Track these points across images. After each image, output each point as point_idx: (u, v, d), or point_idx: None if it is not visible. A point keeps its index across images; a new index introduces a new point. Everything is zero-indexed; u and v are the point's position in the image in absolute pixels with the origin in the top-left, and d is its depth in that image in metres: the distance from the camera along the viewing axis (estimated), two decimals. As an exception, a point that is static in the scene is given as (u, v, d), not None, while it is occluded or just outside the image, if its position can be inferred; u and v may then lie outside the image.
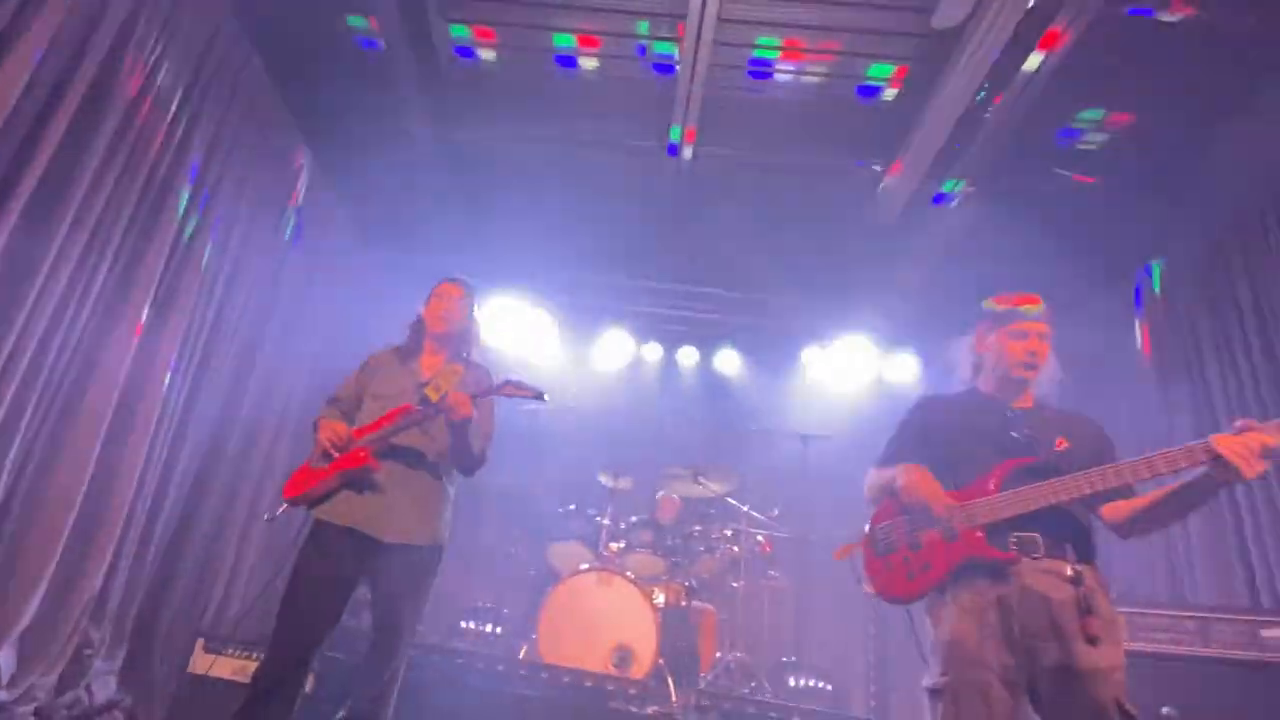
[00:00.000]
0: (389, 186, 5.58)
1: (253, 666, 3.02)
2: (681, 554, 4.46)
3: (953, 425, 2.28)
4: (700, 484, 4.65)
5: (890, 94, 4.72)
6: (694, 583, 4.32)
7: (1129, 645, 3.10)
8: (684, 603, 4.12)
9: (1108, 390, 4.76)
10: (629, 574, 3.92)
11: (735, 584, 4.47)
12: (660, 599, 3.99)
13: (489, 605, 4.65)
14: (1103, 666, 1.87)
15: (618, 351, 6.33)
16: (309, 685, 2.74)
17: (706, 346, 6.46)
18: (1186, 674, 3.05)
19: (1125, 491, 2.05)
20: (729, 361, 6.37)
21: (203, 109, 3.59)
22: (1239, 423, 1.84)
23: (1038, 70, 4.07)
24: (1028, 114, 4.44)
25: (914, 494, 2.13)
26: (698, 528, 4.59)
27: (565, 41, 4.76)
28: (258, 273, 4.29)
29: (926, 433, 2.33)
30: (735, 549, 4.49)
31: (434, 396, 2.71)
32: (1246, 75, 3.98)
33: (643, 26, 4.58)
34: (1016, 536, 2.02)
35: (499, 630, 4.61)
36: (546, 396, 2.80)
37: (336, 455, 2.70)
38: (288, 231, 4.64)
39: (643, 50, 4.75)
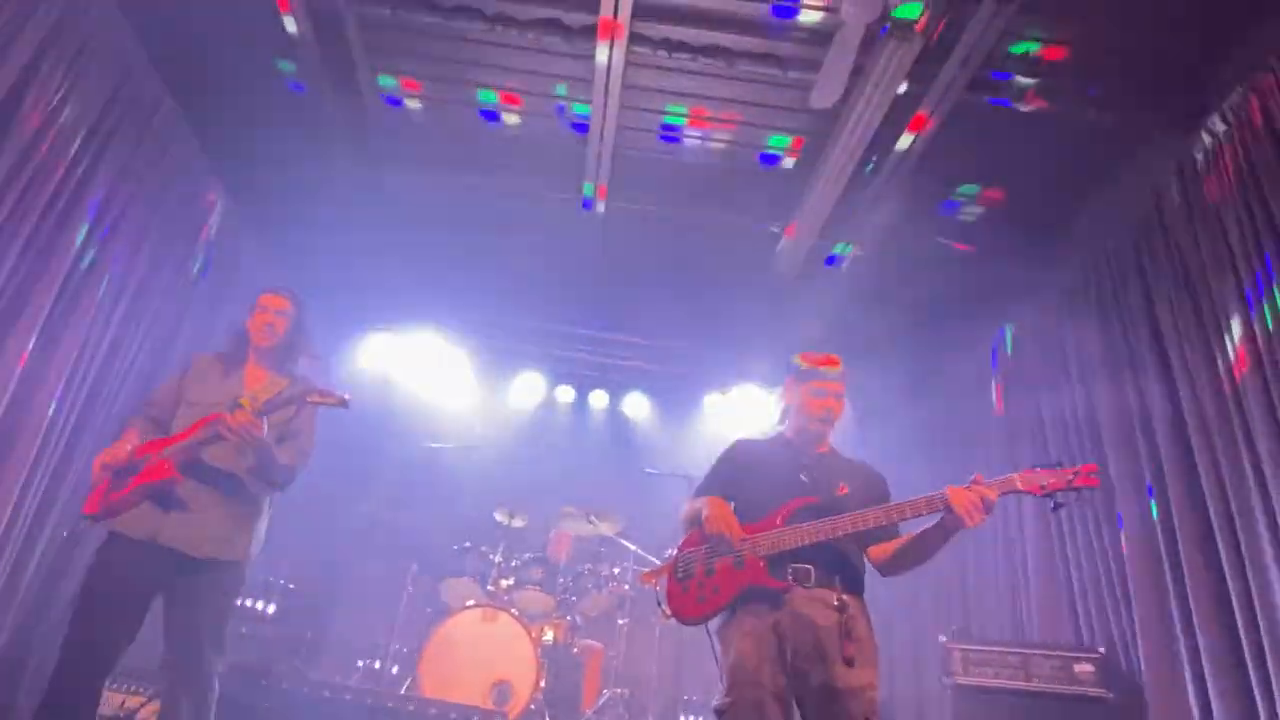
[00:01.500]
0: (309, 227, 5.70)
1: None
2: (572, 591, 4.61)
3: (758, 464, 2.54)
4: (592, 523, 4.82)
5: (789, 162, 5.12)
6: (578, 619, 4.46)
7: (963, 680, 3.44)
8: (570, 640, 4.25)
9: (965, 438, 5.19)
10: (514, 610, 4.05)
11: (621, 621, 4.62)
12: (549, 636, 4.12)
13: (382, 642, 4.69)
14: (855, 685, 2.13)
15: (530, 393, 6.51)
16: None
17: (616, 390, 6.70)
18: (1010, 705, 3.36)
19: (889, 534, 2.34)
20: (637, 405, 6.63)
21: (108, 147, 3.67)
22: (972, 477, 2.13)
23: (909, 149, 4.50)
24: (911, 186, 4.88)
25: (713, 525, 2.34)
26: (588, 566, 4.75)
27: (488, 97, 5.02)
28: (160, 307, 4.33)
29: (738, 469, 2.59)
30: (624, 587, 4.66)
31: (248, 408, 2.63)
32: (1089, 164, 4.51)
33: (560, 89, 4.88)
34: (793, 568, 2.27)
35: (395, 669, 4.65)
36: (348, 399, 2.71)
37: (108, 476, 2.59)
38: (196, 267, 4.70)
39: (561, 110, 5.05)
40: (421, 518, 5.08)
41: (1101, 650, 3.38)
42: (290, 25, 4.32)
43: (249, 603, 4.39)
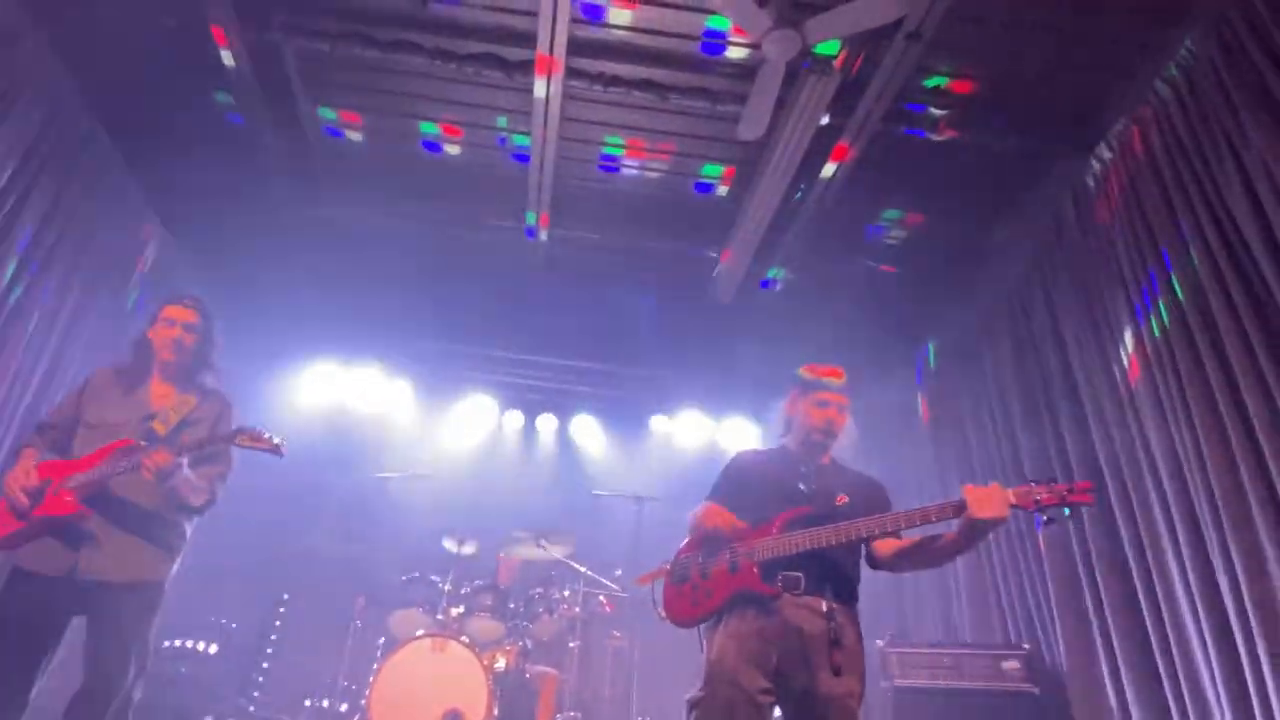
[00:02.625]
0: (249, 258, 5.66)
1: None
2: (523, 617, 4.61)
3: (760, 474, 2.57)
4: (541, 547, 4.84)
5: (723, 191, 5.34)
6: (529, 644, 4.46)
7: (900, 682, 3.59)
8: (522, 666, 4.26)
9: (895, 446, 5.42)
10: (464, 639, 4.04)
11: (572, 644, 4.64)
12: (501, 663, 4.12)
13: (330, 680, 4.60)
14: (839, 693, 2.18)
15: (477, 419, 6.51)
16: None
17: (565, 414, 6.77)
18: (945, 704, 3.51)
19: (894, 533, 2.37)
20: (585, 428, 6.70)
21: (37, 182, 3.62)
22: (965, 488, 2.12)
23: (833, 177, 4.75)
24: (838, 212, 5.14)
25: (710, 519, 2.41)
26: (539, 590, 4.75)
27: (430, 129, 5.10)
28: (94, 339, 4.25)
29: (742, 477, 2.60)
30: (575, 610, 4.69)
31: (161, 431, 2.50)
32: (997, 190, 4.83)
33: (501, 121, 4.99)
34: (783, 575, 2.29)
35: (343, 707, 4.56)
36: (283, 448, 2.53)
37: (25, 504, 2.41)
38: (131, 300, 4.62)
39: (503, 141, 5.16)
40: (369, 550, 5.02)
41: (1027, 647, 3.57)
42: (227, 59, 4.34)
43: (189, 643, 4.25)
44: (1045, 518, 2.10)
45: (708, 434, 6.63)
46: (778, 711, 2.32)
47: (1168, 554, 2.98)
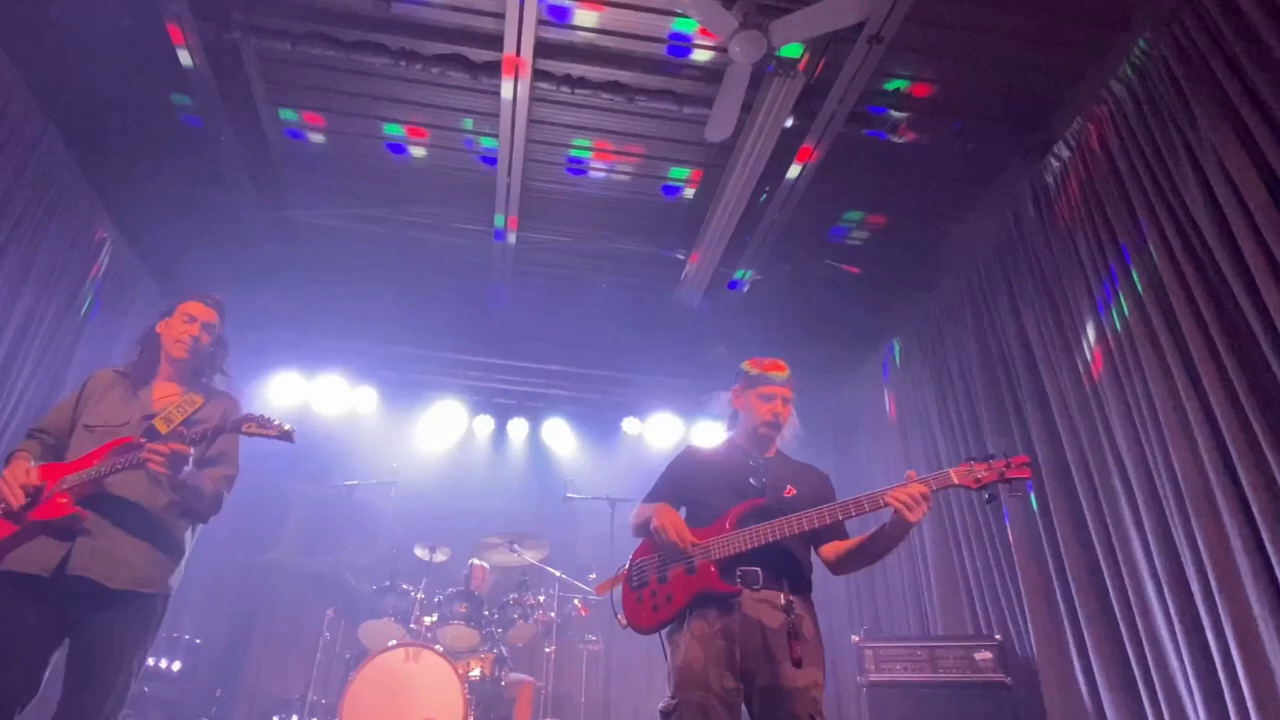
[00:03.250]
0: (209, 263, 5.51)
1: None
2: (497, 623, 4.54)
3: (706, 470, 2.55)
4: (515, 552, 4.79)
5: (689, 193, 5.37)
6: (504, 651, 4.40)
7: (875, 676, 3.62)
8: (498, 674, 4.19)
9: (864, 443, 5.49)
10: (438, 647, 3.96)
11: (548, 650, 4.59)
12: (476, 672, 4.04)
13: (299, 696, 4.47)
14: (801, 685, 2.18)
15: (449, 425, 6.43)
16: None
17: (535, 418, 6.72)
18: (920, 698, 3.55)
19: (838, 534, 2.42)
20: (557, 432, 6.66)
21: None
22: (907, 474, 2.22)
23: (798, 178, 4.81)
24: (802, 214, 5.20)
25: (663, 533, 2.33)
26: (513, 596, 4.68)
27: (395, 130, 5.04)
28: (46, 346, 4.10)
29: (687, 474, 2.58)
30: (550, 615, 4.64)
31: (163, 429, 2.35)
32: (957, 190, 4.94)
33: (467, 123, 4.95)
34: (741, 571, 2.29)
35: (312, 720, 4.45)
36: (292, 433, 2.38)
37: (21, 501, 2.22)
38: (85, 306, 4.47)
39: (469, 143, 5.11)
40: (336, 560, 4.89)
41: (998, 637, 3.62)
42: (185, 59, 4.23)
43: (151, 661, 4.10)
44: (987, 495, 2.16)
45: (679, 436, 6.64)
46: None
47: (1134, 543, 3.06)
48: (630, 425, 6.63)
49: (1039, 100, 4.18)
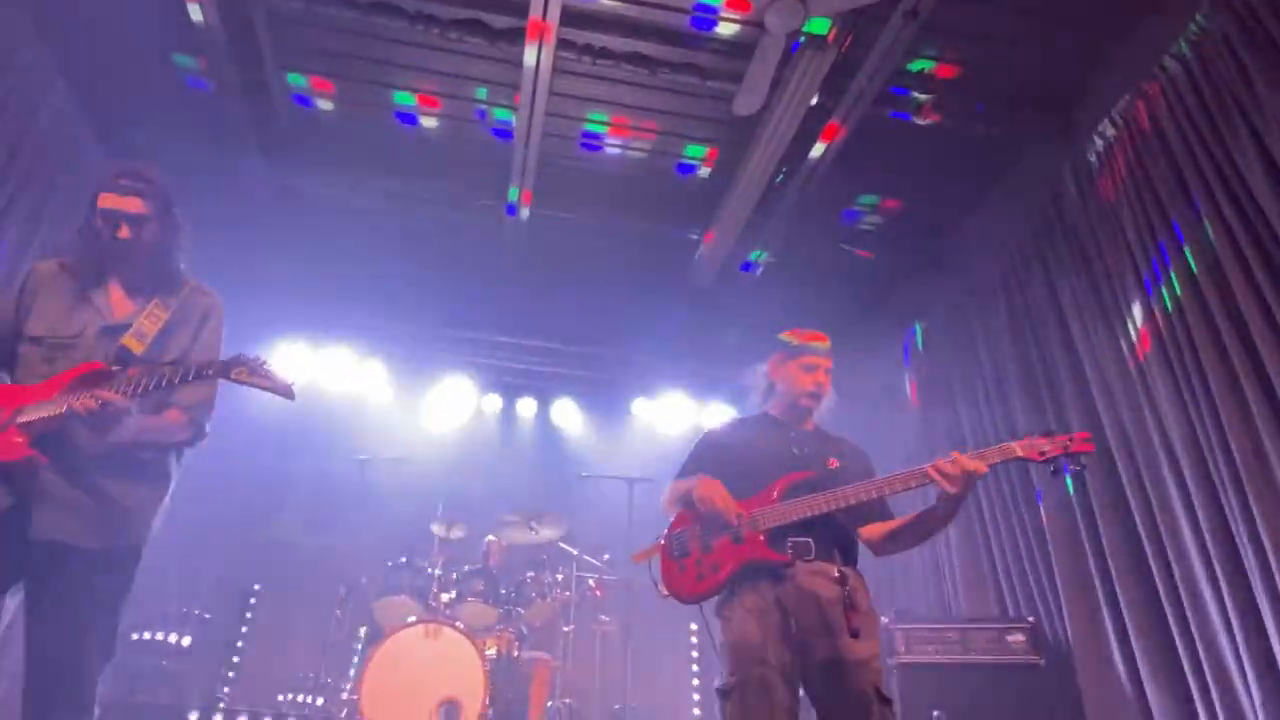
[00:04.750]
0: (212, 229, 5.33)
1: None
2: (514, 601, 4.46)
3: (744, 442, 2.52)
4: (533, 530, 4.71)
5: (704, 172, 5.29)
6: (524, 629, 4.33)
7: (906, 658, 3.58)
8: (515, 652, 4.12)
9: (886, 423, 5.46)
10: (459, 624, 3.88)
11: (566, 629, 4.52)
12: (492, 650, 3.96)
13: (309, 674, 4.36)
14: (863, 657, 2.13)
15: (457, 402, 6.32)
16: None
17: (544, 397, 6.63)
18: (951, 679, 3.52)
19: (882, 514, 2.39)
20: (566, 412, 6.58)
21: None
22: (953, 454, 2.17)
23: (822, 157, 4.73)
24: (817, 196, 5.14)
25: (708, 502, 2.29)
26: (531, 574, 4.61)
27: (406, 100, 4.90)
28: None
29: (721, 449, 2.54)
30: (567, 594, 4.57)
31: (138, 349, 2.01)
32: (981, 172, 4.88)
33: (481, 92, 4.83)
34: (792, 541, 2.25)
35: (320, 700, 4.33)
36: (293, 389, 2.02)
37: None
38: None
39: (482, 114, 4.98)
40: (346, 537, 4.76)
41: (1031, 619, 3.60)
42: (196, 14, 4.08)
43: (160, 635, 3.96)
44: (1052, 469, 2.13)
45: (690, 417, 6.57)
46: None
47: (1180, 521, 3.02)
48: (640, 406, 6.55)
49: (1076, 80, 4.13)
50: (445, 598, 4.19)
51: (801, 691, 2.18)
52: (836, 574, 2.22)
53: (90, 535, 1.93)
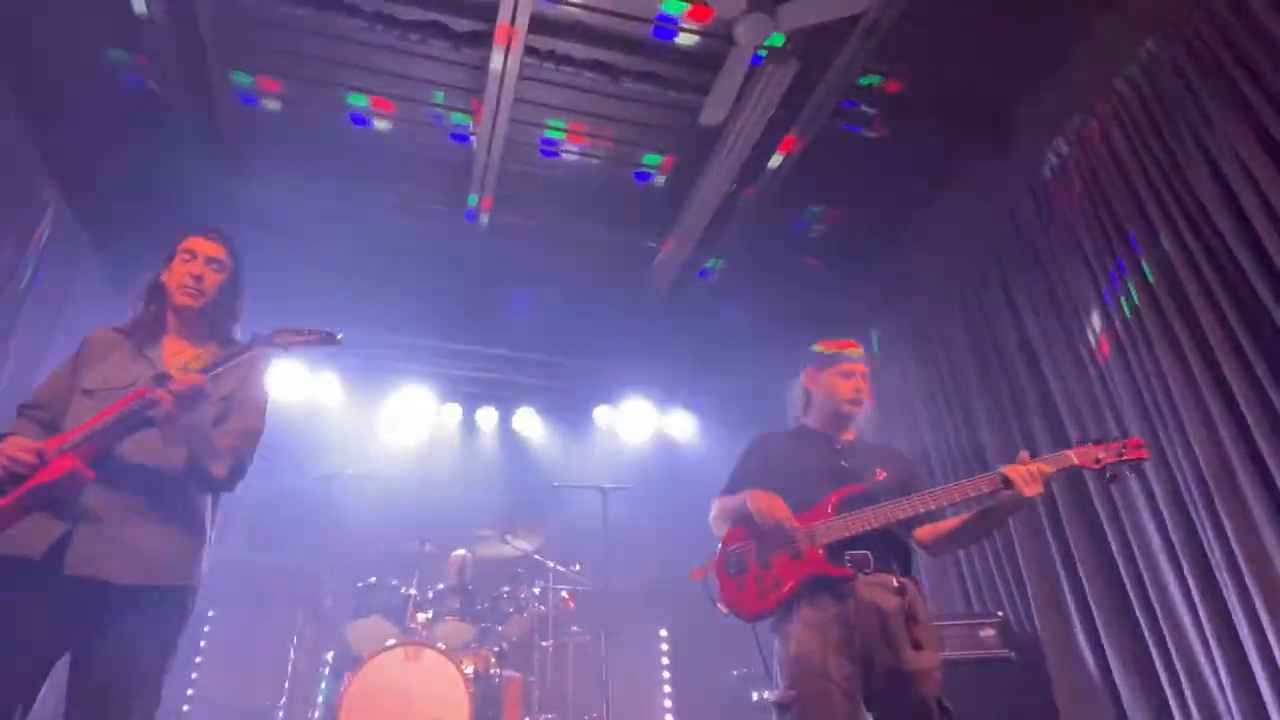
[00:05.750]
0: (152, 236, 5.00)
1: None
2: (491, 618, 4.35)
3: (789, 456, 2.50)
4: (508, 543, 4.61)
5: (660, 180, 5.32)
6: (505, 646, 4.22)
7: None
8: (493, 670, 4.01)
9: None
10: (439, 645, 3.75)
11: (545, 644, 4.44)
12: (470, 669, 3.85)
13: (270, 704, 4.12)
14: (925, 668, 2.13)
15: (417, 414, 6.15)
16: None
17: (505, 407, 6.53)
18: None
19: (937, 515, 2.37)
20: (528, 421, 6.49)
21: None
22: (1021, 454, 2.21)
23: (779, 168, 4.83)
24: (772, 205, 5.25)
25: (767, 516, 2.27)
26: (506, 588, 4.50)
27: (359, 100, 4.75)
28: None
29: (766, 463, 2.52)
30: (542, 607, 4.48)
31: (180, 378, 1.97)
32: (932, 185, 5.08)
33: (438, 96, 4.72)
34: (850, 555, 2.24)
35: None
36: (336, 334, 2.11)
37: (25, 472, 1.80)
38: (27, 276, 3.97)
39: (439, 118, 4.87)
40: (310, 558, 4.51)
41: (1000, 614, 3.73)
42: (139, 6, 3.83)
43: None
44: (1109, 475, 2.18)
45: (653, 423, 6.58)
46: None
47: (1143, 516, 3.20)
48: (602, 414, 6.52)
49: (1025, 99, 4.32)
50: (422, 617, 4.04)
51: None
52: (896, 584, 2.23)
53: (130, 571, 1.86)
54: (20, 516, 1.80)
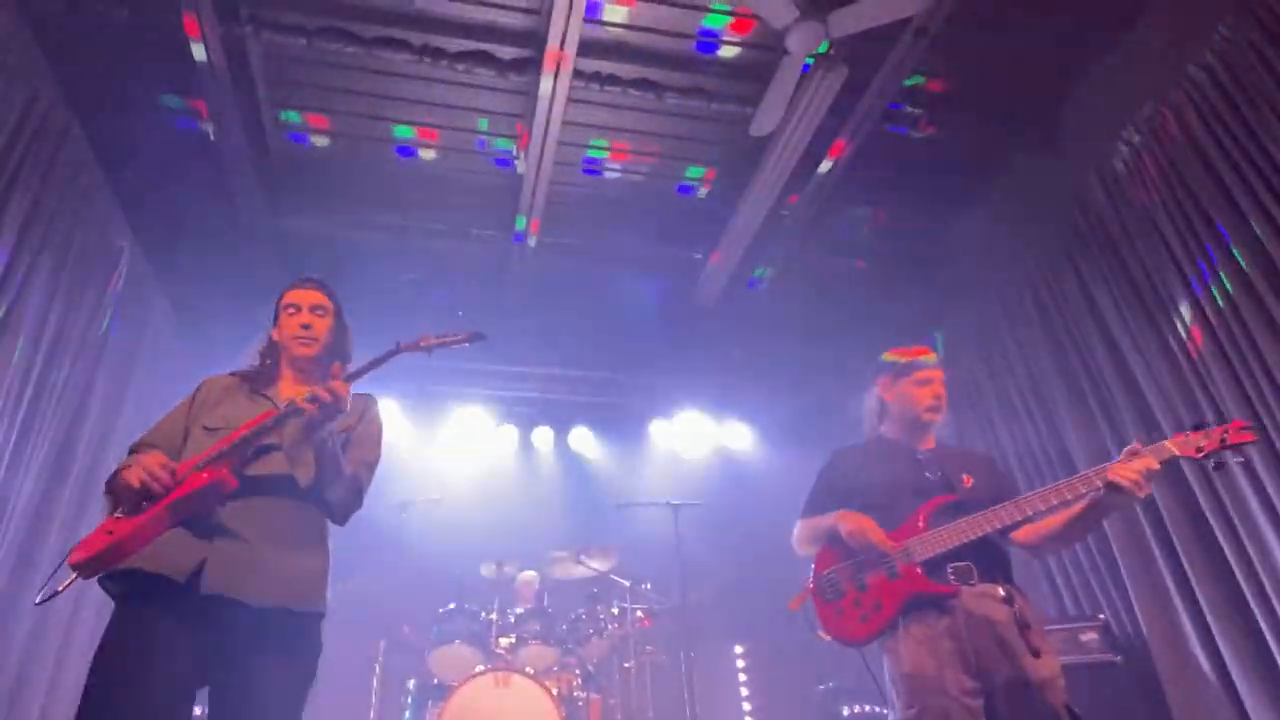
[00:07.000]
0: (215, 273, 5.10)
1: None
2: (571, 639, 4.32)
3: (871, 471, 2.43)
4: (583, 563, 4.58)
5: (703, 192, 5.32)
6: (591, 668, 4.18)
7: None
8: (577, 693, 3.97)
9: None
10: (528, 669, 3.72)
11: (627, 664, 4.38)
12: (556, 691, 3.81)
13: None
14: (1048, 675, 2.07)
15: (475, 437, 6.18)
16: None
17: (560, 426, 6.52)
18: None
19: (1033, 519, 2.27)
20: (584, 439, 6.48)
21: (18, 178, 3.08)
22: (1128, 448, 2.12)
23: (829, 174, 4.80)
24: (817, 213, 5.21)
25: (859, 538, 2.23)
26: (583, 610, 4.47)
27: (405, 133, 4.81)
28: (73, 365, 3.70)
29: (847, 480, 2.45)
30: (619, 628, 4.43)
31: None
32: (975, 182, 5.01)
33: (483, 123, 4.76)
34: (953, 567, 2.18)
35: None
36: (480, 333, 2.21)
37: (160, 491, 1.79)
38: (105, 322, 4.03)
39: (483, 144, 4.92)
40: (385, 586, 4.48)
41: (1102, 617, 3.62)
42: (199, 54, 3.90)
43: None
44: (1213, 463, 2.09)
45: (711, 436, 6.53)
46: None
47: (1251, 506, 3.09)
48: (658, 428, 6.48)
49: (1090, 90, 4.23)
50: (505, 642, 4.01)
51: None
52: (1003, 593, 2.17)
53: (266, 593, 1.84)
54: (160, 530, 1.78)
